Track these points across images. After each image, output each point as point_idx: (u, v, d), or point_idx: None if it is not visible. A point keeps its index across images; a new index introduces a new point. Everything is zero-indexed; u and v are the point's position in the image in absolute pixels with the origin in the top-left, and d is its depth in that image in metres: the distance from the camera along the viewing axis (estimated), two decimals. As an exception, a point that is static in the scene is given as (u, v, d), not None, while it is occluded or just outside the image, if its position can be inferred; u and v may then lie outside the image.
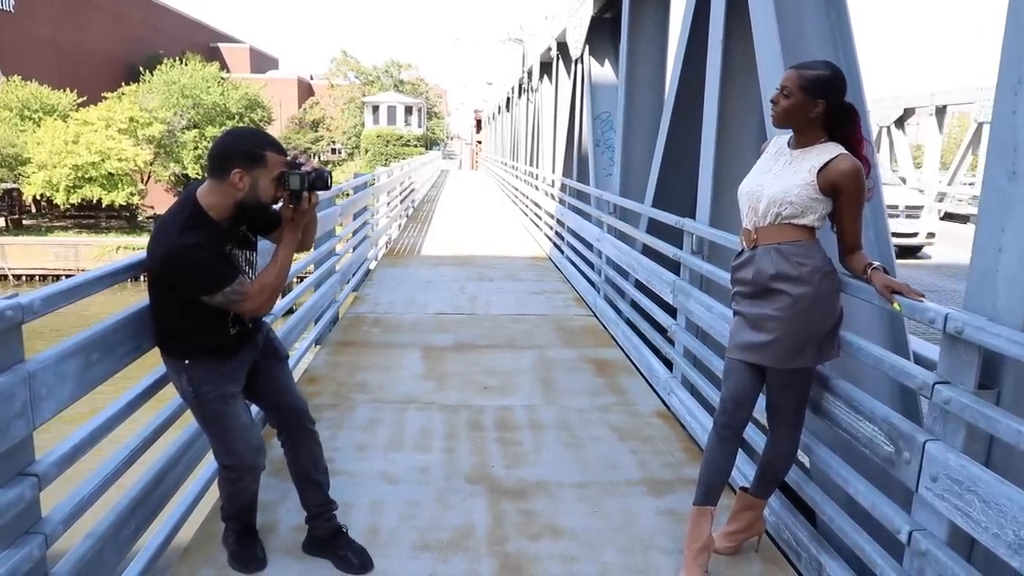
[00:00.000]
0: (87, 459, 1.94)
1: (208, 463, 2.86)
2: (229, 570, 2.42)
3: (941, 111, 23.43)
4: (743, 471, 2.93)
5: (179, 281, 2.04)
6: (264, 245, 2.36)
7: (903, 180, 18.78)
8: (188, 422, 2.69)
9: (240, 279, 2.09)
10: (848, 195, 2.19)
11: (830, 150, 2.23)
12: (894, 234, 7.78)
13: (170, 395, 2.42)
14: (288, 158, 2.17)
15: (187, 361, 2.18)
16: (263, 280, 2.16)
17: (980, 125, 21.33)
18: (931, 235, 13.77)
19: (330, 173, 2.24)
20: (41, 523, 1.72)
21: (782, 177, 2.27)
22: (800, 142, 2.30)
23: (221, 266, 2.07)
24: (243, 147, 2.09)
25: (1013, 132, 1.81)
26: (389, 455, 3.38)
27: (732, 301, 2.48)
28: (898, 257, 3.08)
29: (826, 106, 2.21)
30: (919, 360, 2.87)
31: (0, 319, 1.51)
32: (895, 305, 2.03)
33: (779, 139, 2.41)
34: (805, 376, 2.33)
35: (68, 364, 1.77)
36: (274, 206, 2.27)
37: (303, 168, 2.16)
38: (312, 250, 5.45)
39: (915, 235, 13.49)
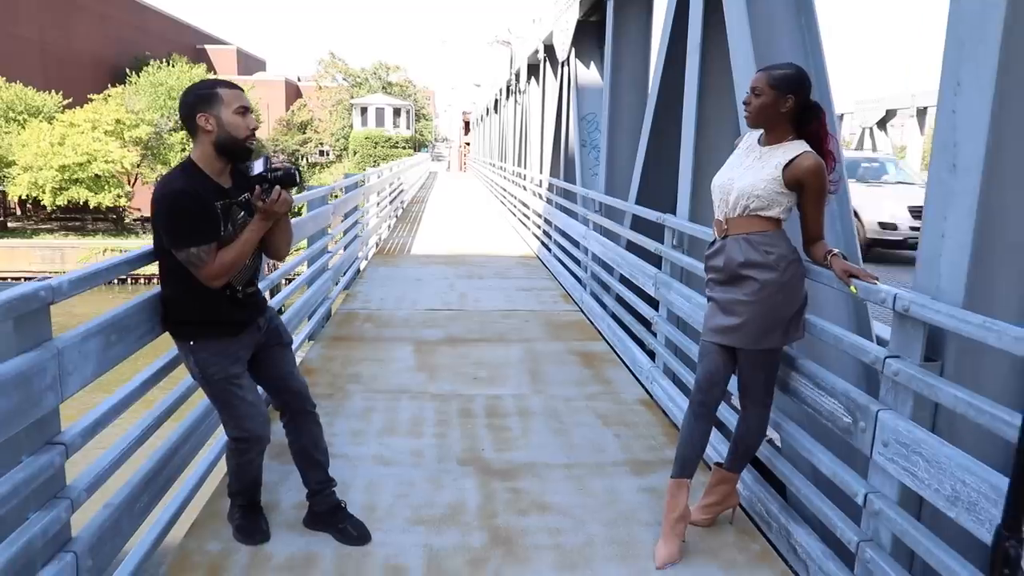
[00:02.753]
0: (105, 436, 2.08)
1: (211, 447, 3.01)
2: (234, 543, 2.56)
3: (922, 112, 23.81)
4: (718, 449, 3.11)
5: (159, 224, 2.17)
6: None
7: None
8: (192, 407, 2.84)
9: (209, 247, 2.17)
10: (811, 189, 2.37)
11: (796, 147, 2.41)
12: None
13: (181, 376, 2.57)
14: (241, 91, 2.30)
15: (192, 343, 2.32)
16: (224, 258, 2.22)
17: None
18: None
19: (298, 170, 2.38)
20: (67, 489, 1.86)
21: (751, 171, 2.45)
22: (769, 139, 2.48)
23: (198, 223, 2.15)
24: (196, 93, 2.24)
25: (953, 130, 2.00)
26: (383, 440, 3.53)
27: (706, 288, 2.66)
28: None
29: (795, 101, 2.39)
30: (882, 343, 3.08)
31: (34, 299, 1.65)
32: (852, 288, 2.21)
33: (750, 136, 2.59)
34: (773, 356, 2.51)
35: (91, 343, 1.91)
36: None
37: (272, 162, 2.29)
38: (307, 246, 5.60)
39: None
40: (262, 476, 2.63)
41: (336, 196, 7.36)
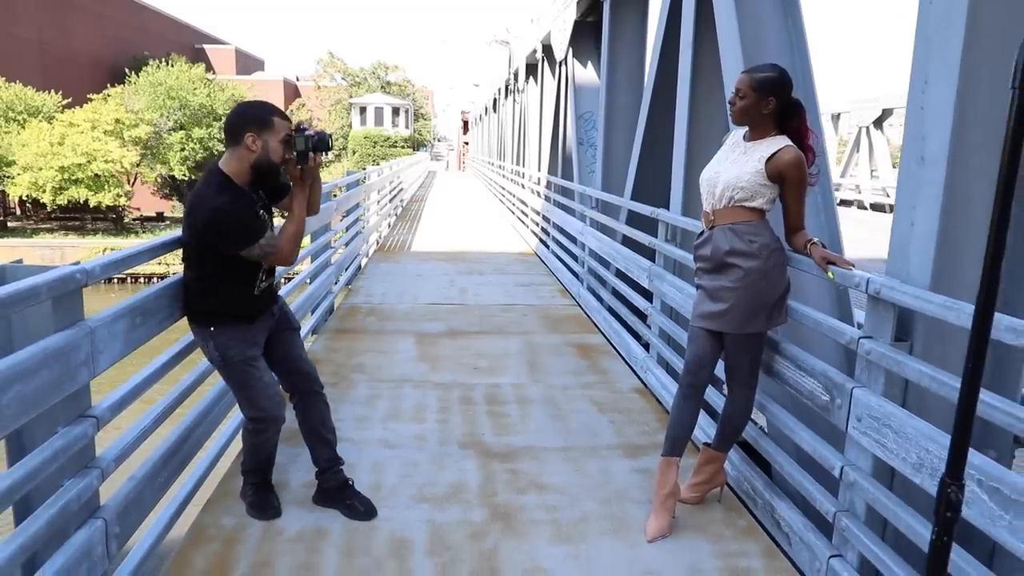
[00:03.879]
0: (127, 415, 2.22)
1: (223, 430, 3.15)
2: (248, 518, 2.70)
3: (918, 111, 23.95)
4: (706, 431, 3.26)
5: (223, 237, 2.32)
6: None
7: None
8: (207, 390, 2.98)
9: (270, 233, 2.43)
10: (791, 182, 2.51)
11: (778, 143, 2.55)
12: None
13: (197, 360, 2.71)
14: (294, 124, 2.48)
15: (212, 328, 2.47)
16: (287, 232, 2.50)
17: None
18: None
19: (331, 136, 2.56)
20: (97, 460, 2.00)
21: (736, 165, 2.60)
22: (753, 135, 2.62)
23: (257, 220, 2.39)
24: (253, 113, 2.41)
25: (921, 124, 2.15)
26: (388, 425, 3.68)
27: (695, 276, 2.80)
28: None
29: (776, 102, 2.54)
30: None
31: (71, 281, 1.79)
32: (829, 274, 2.36)
33: (736, 132, 2.73)
34: (758, 340, 2.66)
35: (119, 324, 2.06)
36: (282, 178, 2.57)
37: (307, 132, 2.48)
38: (310, 242, 5.75)
39: None
40: (275, 456, 2.77)
41: (337, 194, 7.51)
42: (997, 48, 2.04)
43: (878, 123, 25.50)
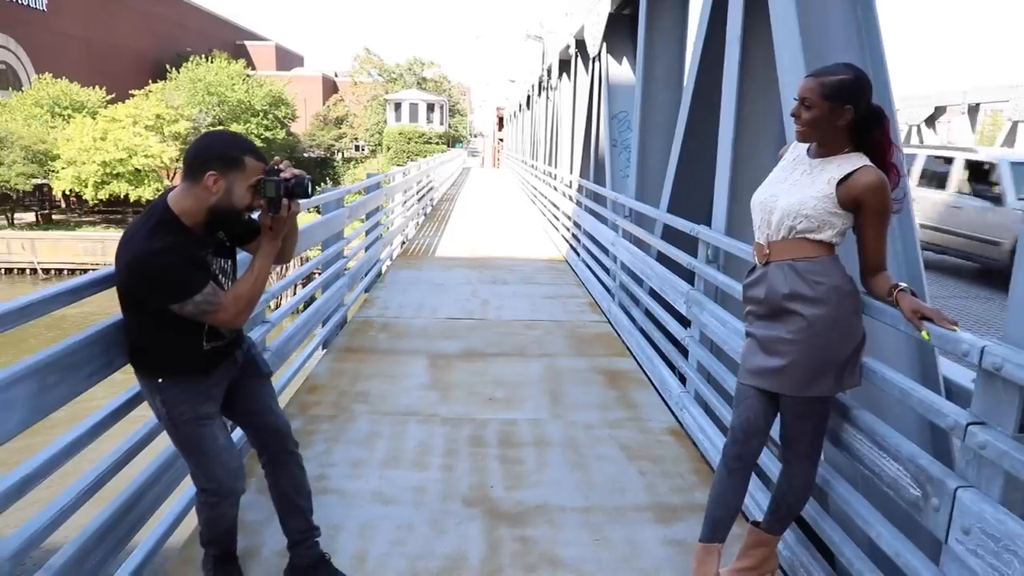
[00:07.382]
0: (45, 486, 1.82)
1: (188, 483, 2.74)
2: (206, 600, 2.29)
3: (974, 109, 22.80)
4: (757, 499, 2.74)
5: (145, 289, 1.92)
6: (243, 256, 2.23)
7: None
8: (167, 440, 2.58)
9: (212, 288, 1.97)
10: (871, 210, 1.99)
11: (853, 160, 2.03)
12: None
13: (148, 413, 2.30)
14: (268, 165, 2.05)
15: (160, 380, 2.06)
16: (237, 290, 2.04)
17: (1015, 124, 20.68)
18: None
19: (311, 180, 2.10)
20: (-15, 562, 1.60)
21: (799, 187, 2.08)
22: (821, 152, 2.10)
23: (190, 272, 1.94)
24: (220, 150, 1.98)
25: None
26: (385, 472, 3.24)
27: (745, 321, 2.29)
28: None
29: (854, 112, 2.02)
30: (949, 385, 2.67)
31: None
32: (924, 334, 1.83)
33: (799, 145, 2.21)
34: (822, 405, 2.14)
35: (15, 391, 1.64)
36: (252, 215, 2.16)
37: (281, 175, 2.04)
38: (321, 251, 5.35)
39: None
40: (237, 524, 2.35)
41: (358, 195, 7.13)
42: None
43: (930, 122, 24.29)
